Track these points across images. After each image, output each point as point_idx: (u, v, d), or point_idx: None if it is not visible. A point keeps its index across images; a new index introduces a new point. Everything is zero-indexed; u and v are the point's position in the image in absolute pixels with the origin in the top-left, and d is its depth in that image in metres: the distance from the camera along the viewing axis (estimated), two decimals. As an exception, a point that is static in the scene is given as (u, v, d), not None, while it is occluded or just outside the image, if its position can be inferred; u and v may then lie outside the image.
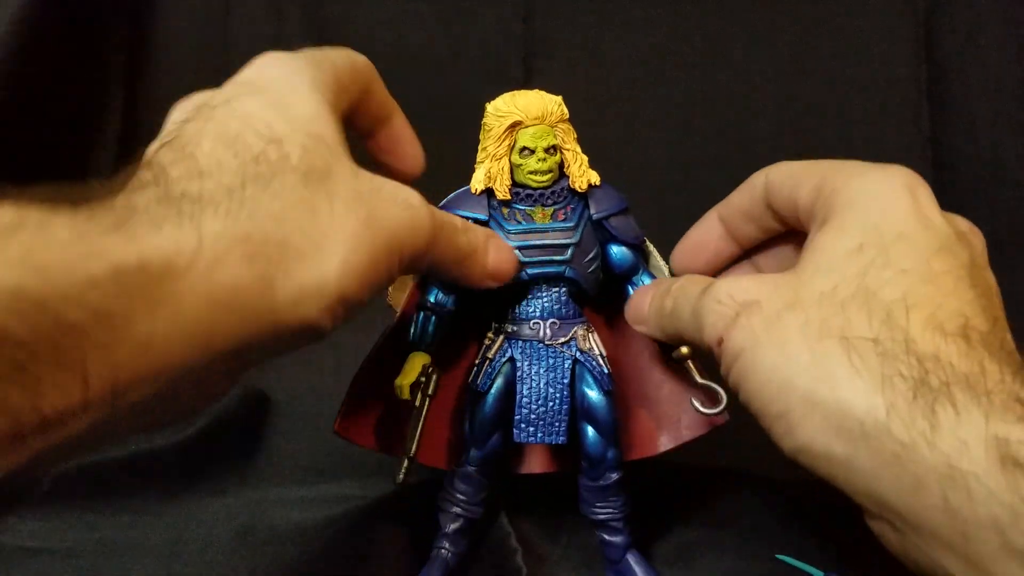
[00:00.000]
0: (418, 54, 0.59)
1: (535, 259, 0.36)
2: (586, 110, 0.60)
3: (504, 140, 0.36)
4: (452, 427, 0.40)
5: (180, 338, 0.21)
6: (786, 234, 0.35)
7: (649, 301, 0.34)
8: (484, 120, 0.38)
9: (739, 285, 0.29)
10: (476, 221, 0.36)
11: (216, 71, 0.57)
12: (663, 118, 0.59)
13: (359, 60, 0.32)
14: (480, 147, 0.38)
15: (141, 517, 0.42)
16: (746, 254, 0.37)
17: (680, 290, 0.32)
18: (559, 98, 0.37)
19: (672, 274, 0.38)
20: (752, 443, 0.28)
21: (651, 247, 0.40)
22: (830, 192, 0.29)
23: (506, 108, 0.36)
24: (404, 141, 0.36)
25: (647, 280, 0.38)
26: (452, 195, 0.38)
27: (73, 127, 0.54)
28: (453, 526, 0.38)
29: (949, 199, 0.55)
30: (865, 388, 0.24)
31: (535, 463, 0.41)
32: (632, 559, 0.38)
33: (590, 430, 0.36)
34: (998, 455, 0.21)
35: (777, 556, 0.39)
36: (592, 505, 0.38)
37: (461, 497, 0.38)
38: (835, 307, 0.26)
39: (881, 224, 0.27)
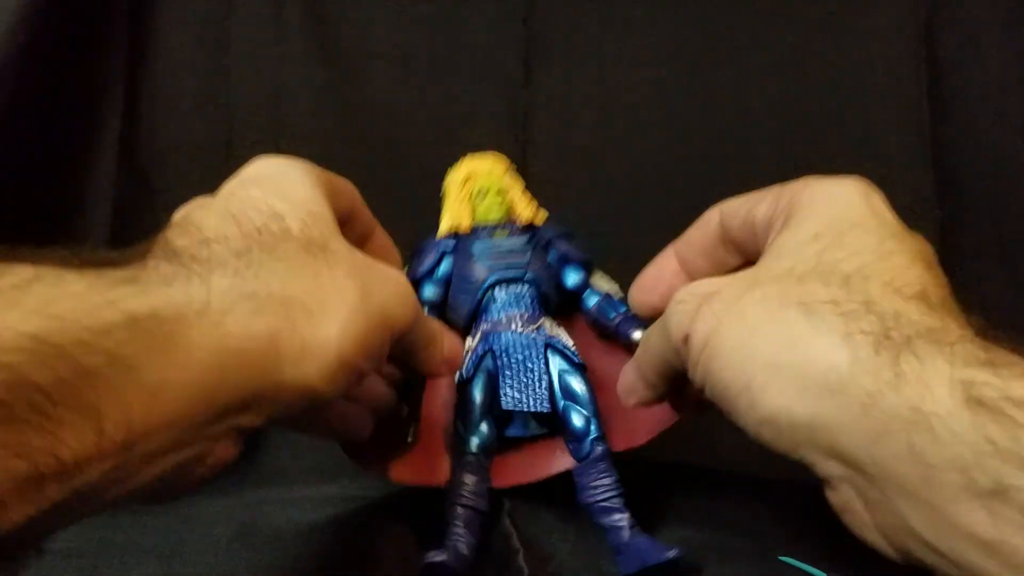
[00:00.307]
0: (417, 54, 0.59)
1: (499, 264, 0.41)
2: (586, 111, 0.61)
3: (463, 190, 0.43)
4: (446, 441, 0.40)
5: (188, 387, 0.22)
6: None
7: (629, 370, 0.36)
8: (444, 185, 0.44)
9: (698, 283, 0.30)
10: (443, 254, 0.42)
11: (216, 71, 0.58)
12: (663, 119, 0.59)
13: (346, 181, 0.35)
14: (443, 209, 0.44)
15: (141, 517, 0.42)
16: None
17: (646, 334, 0.34)
18: (503, 155, 0.45)
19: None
20: (754, 445, 0.28)
21: (598, 272, 0.44)
22: (787, 202, 0.31)
23: (462, 166, 0.44)
24: (386, 252, 0.39)
25: (593, 298, 0.43)
26: (421, 243, 0.44)
27: (73, 127, 0.54)
28: (461, 517, 0.38)
29: (950, 199, 0.55)
30: (828, 344, 0.24)
31: (520, 472, 0.41)
32: (638, 540, 0.37)
33: (571, 408, 0.40)
34: (963, 396, 0.21)
35: (780, 558, 0.38)
36: (586, 489, 0.38)
37: (467, 486, 0.38)
38: (793, 281, 0.26)
39: (836, 216, 0.28)
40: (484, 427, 0.39)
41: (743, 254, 0.34)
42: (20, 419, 0.19)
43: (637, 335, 0.40)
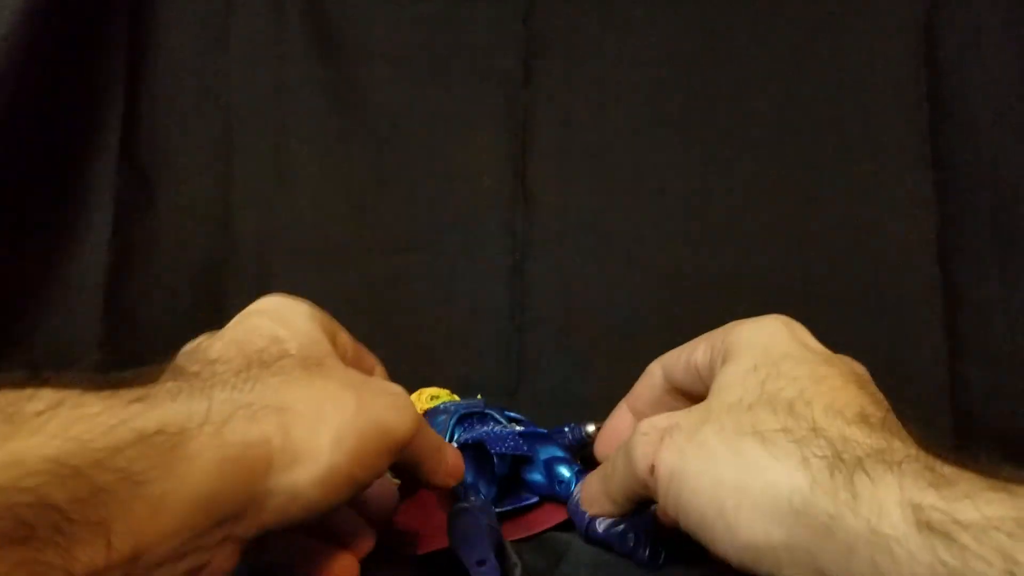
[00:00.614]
0: (417, 53, 0.59)
1: (462, 406, 0.45)
2: (586, 111, 0.61)
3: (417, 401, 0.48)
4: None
5: (190, 497, 0.24)
6: None
7: (595, 487, 0.37)
8: None
9: (658, 417, 0.33)
10: None
11: (216, 71, 0.58)
12: (663, 118, 0.59)
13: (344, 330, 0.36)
14: None
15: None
16: None
17: (612, 457, 0.35)
18: None
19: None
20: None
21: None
22: (722, 342, 0.34)
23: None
24: None
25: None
26: None
27: (73, 127, 0.54)
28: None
29: (949, 199, 0.55)
30: (787, 468, 0.26)
31: (520, 529, 0.41)
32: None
33: (556, 464, 0.42)
34: (914, 520, 0.23)
35: None
36: (587, 524, 0.38)
37: (475, 504, 0.38)
38: (743, 411, 0.29)
39: (768, 348, 0.32)
40: (482, 489, 0.41)
41: (689, 398, 0.37)
42: (41, 538, 0.20)
43: (590, 427, 0.45)
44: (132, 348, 0.52)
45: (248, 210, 0.56)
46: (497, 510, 0.40)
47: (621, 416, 0.42)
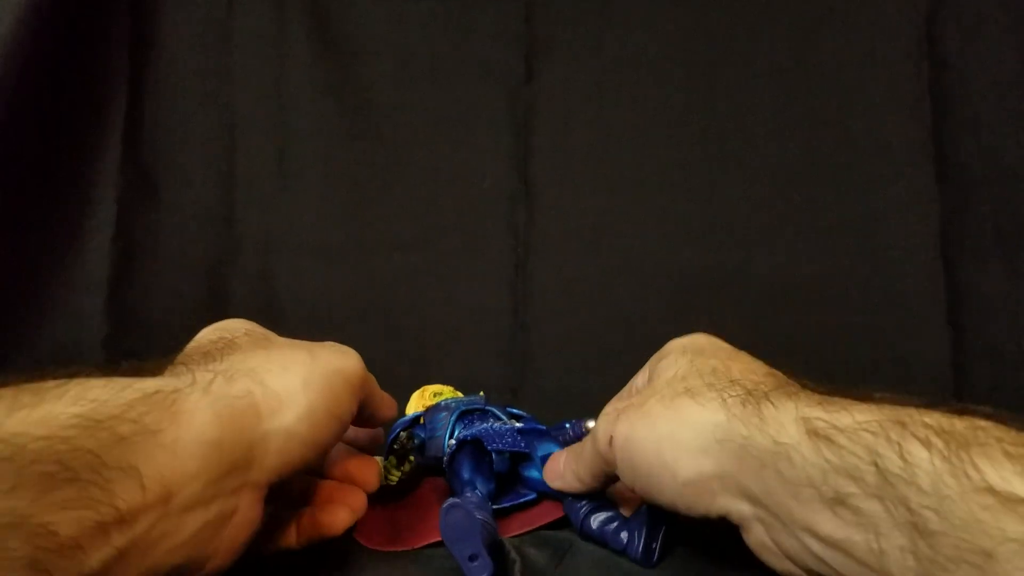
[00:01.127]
0: (419, 54, 0.59)
1: (463, 402, 0.46)
2: (587, 110, 0.61)
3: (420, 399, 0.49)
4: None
5: (197, 441, 0.28)
6: None
7: (562, 463, 0.41)
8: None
9: (616, 400, 0.40)
10: (415, 420, 0.46)
11: (218, 71, 0.59)
12: (664, 117, 0.59)
13: None
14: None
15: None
16: None
17: (576, 451, 0.40)
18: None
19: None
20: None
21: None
22: (655, 359, 0.39)
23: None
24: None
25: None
26: None
27: (77, 127, 0.54)
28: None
29: (950, 194, 0.55)
30: (710, 409, 0.31)
31: (517, 525, 0.41)
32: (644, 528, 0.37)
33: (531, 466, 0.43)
34: (805, 429, 0.28)
35: None
36: (583, 520, 0.39)
37: (471, 500, 0.38)
38: (678, 381, 0.35)
39: (693, 343, 0.38)
40: (479, 486, 0.41)
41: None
42: (83, 479, 0.24)
43: (590, 423, 0.45)
44: (135, 346, 0.52)
45: (250, 209, 0.56)
46: (495, 507, 0.41)
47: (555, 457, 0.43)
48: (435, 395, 0.49)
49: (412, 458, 0.44)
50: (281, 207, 0.57)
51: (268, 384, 0.31)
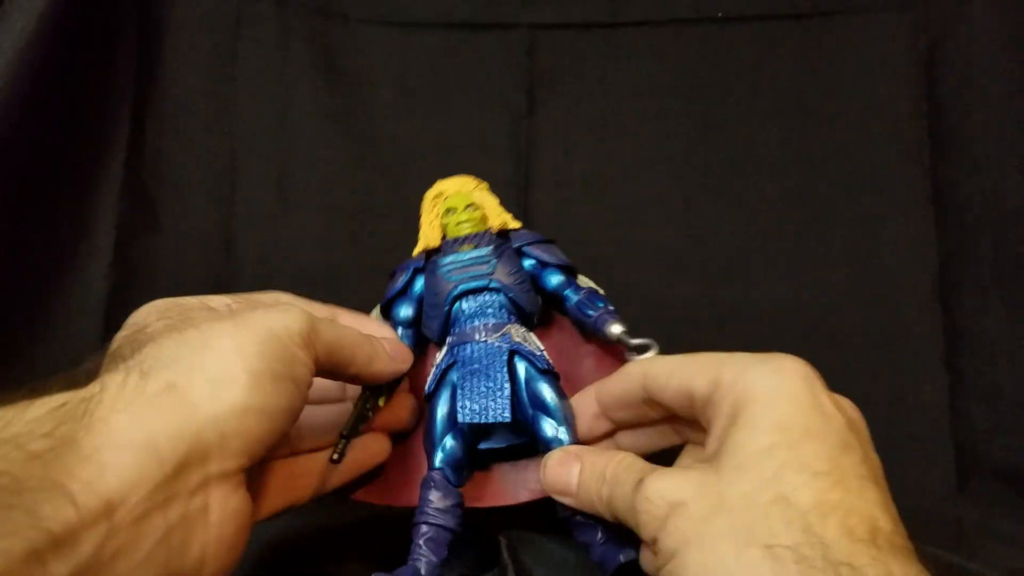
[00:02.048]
0: (422, 84, 0.59)
1: (464, 275, 0.41)
2: (589, 142, 0.61)
3: (433, 209, 0.44)
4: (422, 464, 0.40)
5: (122, 446, 0.25)
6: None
7: (577, 478, 0.35)
8: (421, 208, 0.45)
9: (668, 483, 0.31)
10: (416, 270, 0.43)
11: (222, 98, 0.59)
12: (665, 150, 0.59)
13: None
14: (420, 230, 0.45)
15: None
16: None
17: (615, 480, 0.33)
18: (471, 176, 0.46)
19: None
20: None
21: (582, 277, 0.44)
22: (729, 384, 0.31)
23: (433, 189, 0.45)
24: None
25: (574, 297, 0.41)
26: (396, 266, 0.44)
27: (79, 152, 0.54)
28: (424, 536, 0.36)
29: (950, 234, 0.55)
30: None
31: (500, 493, 0.40)
32: (605, 548, 0.36)
33: (539, 416, 0.38)
34: None
35: None
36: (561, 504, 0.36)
37: (431, 504, 0.37)
38: (758, 512, 0.28)
39: (788, 420, 0.30)
40: (449, 441, 0.38)
41: (668, 413, 0.36)
42: (2, 505, 0.22)
43: (615, 329, 0.39)
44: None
45: (251, 235, 0.56)
46: (482, 447, 0.39)
47: (587, 402, 0.39)
48: (448, 213, 0.44)
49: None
50: (281, 234, 0.57)
51: (193, 368, 0.28)
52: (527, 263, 0.43)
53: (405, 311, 0.42)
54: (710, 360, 0.33)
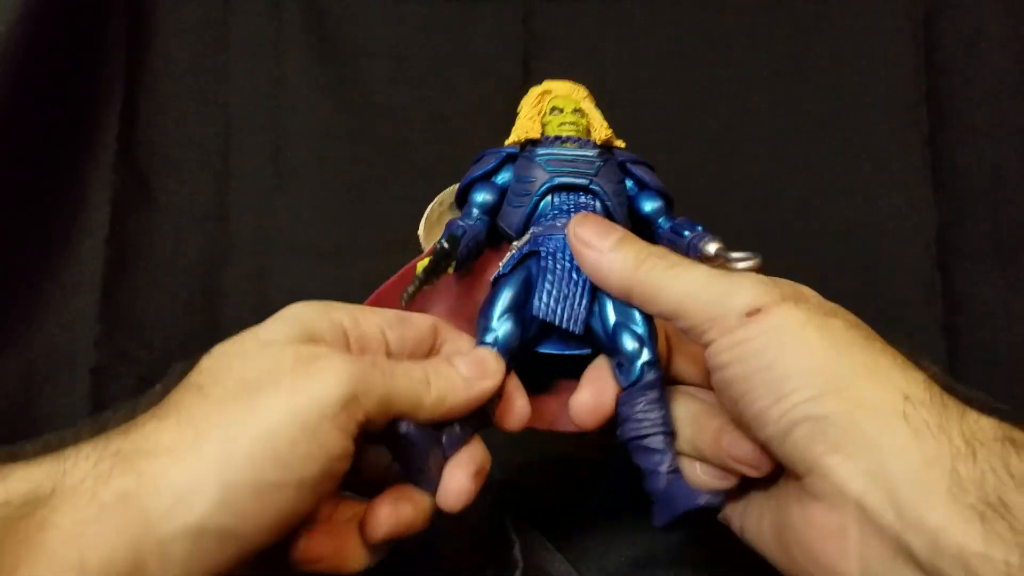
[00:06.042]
0: (416, 54, 0.59)
1: (564, 169, 0.38)
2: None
3: (537, 104, 0.41)
4: None
5: (51, 570, 0.23)
6: None
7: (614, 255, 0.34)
8: (522, 102, 0.42)
9: (773, 280, 0.31)
10: (508, 157, 0.40)
11: (215, 71, 0.58)
12: (662, 120, 0.59)
13: None
14: (516, 122, 0.41)
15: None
16: None
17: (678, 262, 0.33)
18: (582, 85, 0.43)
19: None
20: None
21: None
22: (828, 420, 0.29)
23: (540, 86, 0.42)
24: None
25: (669, 223, 0.40)
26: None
27: (72, 127, 0.54)
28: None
29: (948, 202, 0.55)
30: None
31: (555, 418, 0.38)
32: (676, 486, 0.33)
33: (622, 327, 0.35)
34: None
35: None
36: (628, 421, 0.34)
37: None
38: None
39: (887, 475, 0.27)
40: (508, 324, 0.35)
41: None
42: None
43: (712, 246, 0.37)
44: (129, 347, 0.52)
45: (246, 209, 0.56)
46: (540, 350, 0.36)
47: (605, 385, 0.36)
48: (553, 112, 0.41)
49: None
50: (276, 207, 0.56)
51: (161, 472, 0.25)
52: (628, 183, 0.40)
53: (484, 196, 0.39)
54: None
